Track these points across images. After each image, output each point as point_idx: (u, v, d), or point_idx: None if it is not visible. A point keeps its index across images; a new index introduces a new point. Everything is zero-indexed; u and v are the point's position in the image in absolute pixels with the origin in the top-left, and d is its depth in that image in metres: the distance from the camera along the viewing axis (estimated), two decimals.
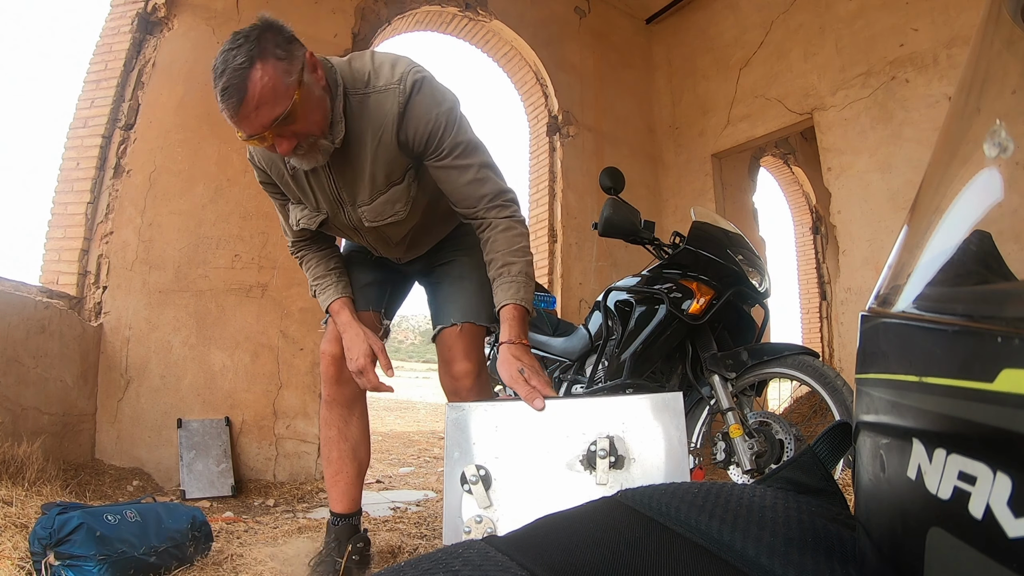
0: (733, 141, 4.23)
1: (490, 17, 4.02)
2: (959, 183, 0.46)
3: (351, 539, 1.48)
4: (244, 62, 1.00)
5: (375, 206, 1.28)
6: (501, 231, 1.25)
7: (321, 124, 1.13)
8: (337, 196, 1.29)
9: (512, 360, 1.13)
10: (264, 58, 1.02)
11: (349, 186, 1.27)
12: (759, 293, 2.13)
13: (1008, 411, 0.27)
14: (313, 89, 1.10)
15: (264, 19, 1.08)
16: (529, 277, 1.24)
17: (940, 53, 3.07)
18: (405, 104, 1.17)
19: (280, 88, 1.03)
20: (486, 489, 0.96)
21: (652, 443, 0.96)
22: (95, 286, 2.69)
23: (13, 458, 1.96)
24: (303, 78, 1.07)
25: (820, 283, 6.25)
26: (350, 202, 1.30)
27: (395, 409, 8.60)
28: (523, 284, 1.22)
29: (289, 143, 1.09)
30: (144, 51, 2.91)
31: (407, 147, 1.23)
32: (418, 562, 0.50)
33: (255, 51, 1.01)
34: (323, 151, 1.16)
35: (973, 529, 0.29)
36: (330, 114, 1.15)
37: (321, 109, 1.12)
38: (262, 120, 1.03)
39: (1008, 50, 0.48)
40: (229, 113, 1.03)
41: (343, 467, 1.50)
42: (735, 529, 0.48)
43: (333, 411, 1.50)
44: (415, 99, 1.18)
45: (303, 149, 1.13)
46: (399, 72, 1.18)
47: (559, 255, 4.09)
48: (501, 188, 1.27)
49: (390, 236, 1.40)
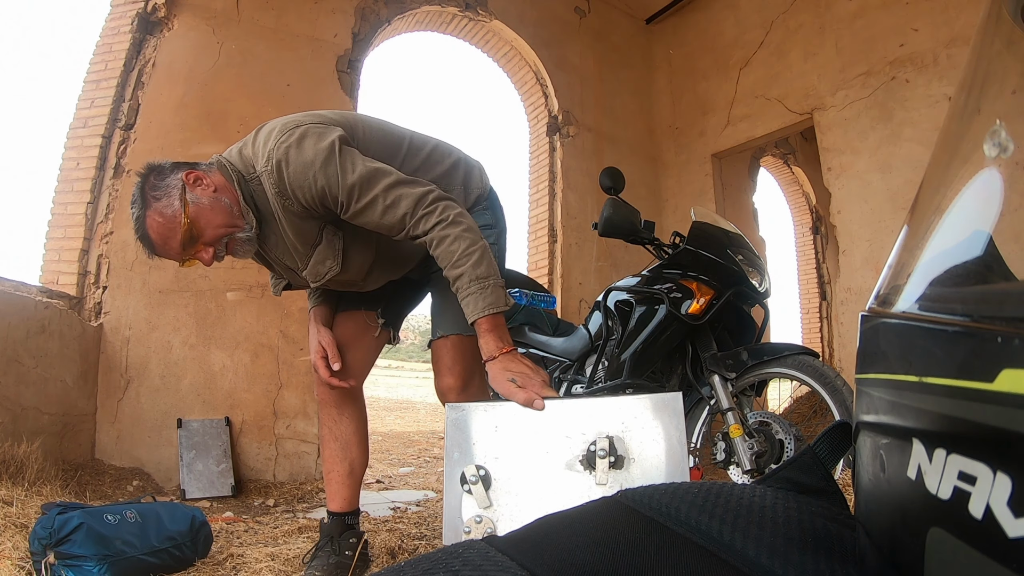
0: (733, 141, 4.23)
1: (490, 17, 4.02)
2: (959, 183, 0.46)
3: (343, 536, 1.49)
4: (140, 216, 1.21)
5: (310, 269, 1.33)
6: (436, 247, 1.20)
7: (226, 224, 1.22)
8: (284, 265, 1.38)
9: (501, 373, 1.10)
10: (148, 206, 1.20)
11: (286, 257, 1.35)
12: (759, 293, 2.13)
13: (1008, 411, 0.27)
14: (201, 201, 1.21)
15: (146, 166, 1.25)
16: (481, 278, 1.17)
17: (940, 53, 3.07)
18: (279, 183, 1.20)
19: (169, 221, 1.19)
20: (486, 489, 0.96)
21: (652, 443, 0.96)
22: (95, 286, 2.69)
23: (13, 458, 1.96)
24: (186, 198, 1.20)
25: (820, 283, 6.25)
26: (295, 268, 1.37)
27: (395, 409, 8.60)
28: (478, 292, 1.16)
29: (207, 253, 1.22)
30: (144, 51, 2.91)
31: (308, 214, 1.24)
32: (418, 562, 0.50)
33: (142, 204, 1.21)
34: (246, 242, 1.26)
35: (973, 529, 0.29)
36: (235, 208, 1.24)
37: (220, 211, 1.22)
38: (173, 250, 1.20)
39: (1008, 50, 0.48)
40: (152, 255, 1.24)
41: (334, 466, 1.52)
42: (735, 529, 0.48)
43: (324, 411, 1.55)
44: (286, 174, 1.19)
45: (223, 251, 1.25)
46: (267, 152, 1.21)
47: (559, 255, 4.09)
48: (417, 197, 1.20)
49: (353, 280, 1.42)
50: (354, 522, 1.54)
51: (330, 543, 1.47)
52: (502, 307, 1.17)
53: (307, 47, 3.19)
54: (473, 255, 1.17)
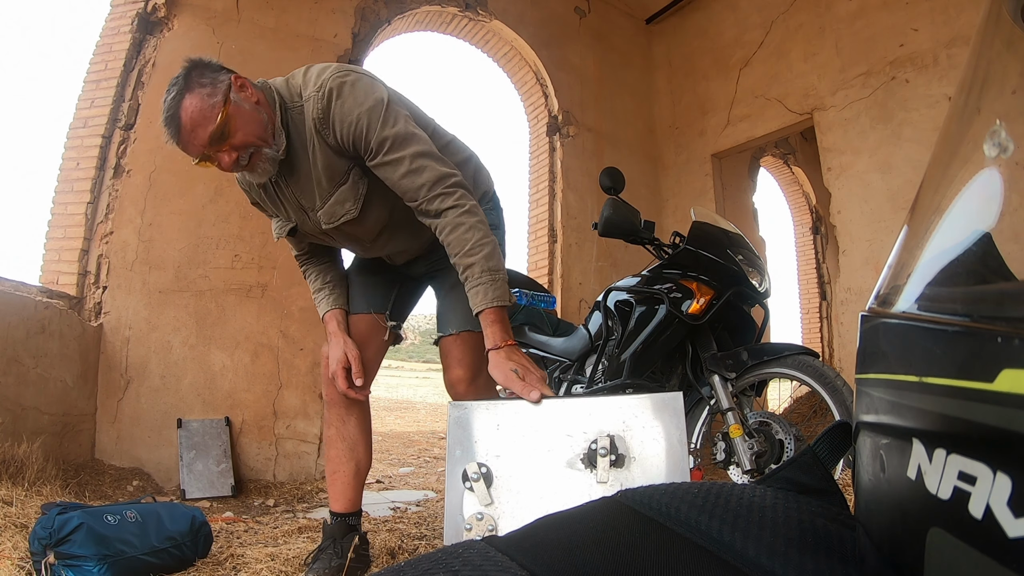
0: (733, 141, 4.23)
1: (490, 17, 4.02)
2: (959, 183, 0.46)
3: (346, 538, 1.48)
4: (176, 97, 1.16)
5: (327, 209, 1.33)
6: (449, 232, 1.22)
7: (258, 134, 1.21)
8: (298, 204, 1.37)
9: (503, 363, 1.13)
10: (191, 90, 1.16)
11: (304, 194, 1.34)
12: (759, 293, 2.13)
13: (1008, 411, 0.27)
14: (242, 105, 1.20)
15: (190, 59, 1.21)
16: (493, 270, 1.20)
17: (940, 53, 3.07)
18: (325, 110, 1.23)
19: (207, 110, 1.16)
20: (487, 487, 0.96)
21: (652, 442, 0.96)
22: (95, 286, 2.69)
23: (13, 458, 1.97)
24: (230, 97, 1.18)
25: (820, 283, 6.25)
26: (310, 208, 1.36)
27: (395, 409, 8.60)
28: (489, 283, 1.19)
29: (230, 156, 1.19)
30: (144, 51, 2.91)
31: (340, 150, 1.28)
32: (418, 562, 0.50)
33: (183, 87, 1.16)
34: (268, 160, 1.24)
35: (973, 529, 0.29)
36: (270, 126, 1.24)
37: (256, 121, 1.21)
38: (200, 140, 1.16)
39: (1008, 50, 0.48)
40: (174, 141, 1.18)
41: (339, 466, 1.52)
42: (735, 529, 0.48)
43: (332, 411, 1.54)
44: (335, 104, 1.23)
45: (245, 159, 1.22)
46: (321, 80, 1.24)
47: (559, 255, 4.09)
48: (440, 175, 1.24)
49: (361, 237, 1.42)
50: (356, 523, 1.54)
51: (333, 544, 1.47)
52: (507, 302, 1.20)
53: (307, 47, 3.19)
54: (486, 247, 1.21)
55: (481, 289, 1.19)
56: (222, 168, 1.21)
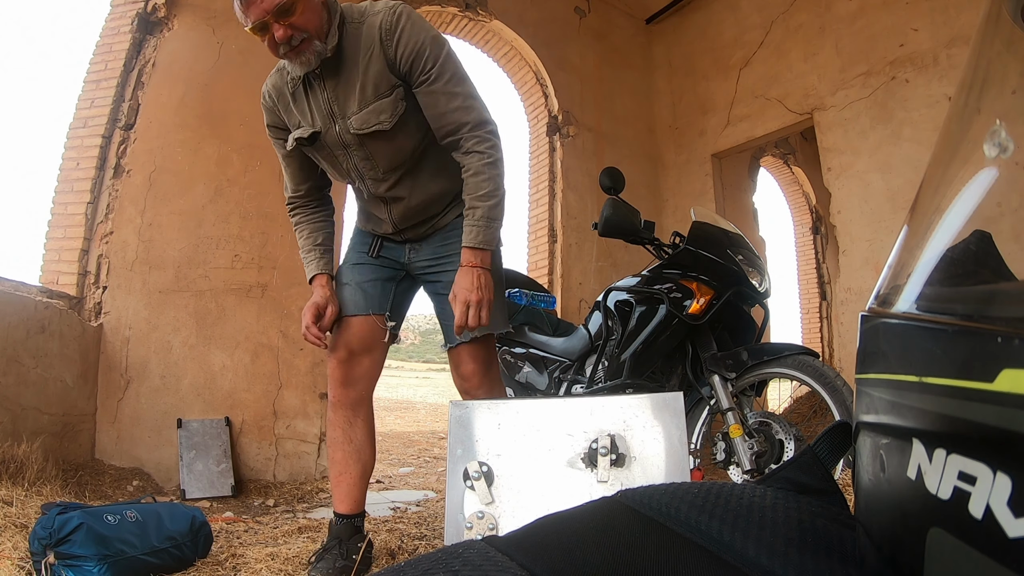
0: (733, 141, 4.23)
1: (490, 17, 4.02)
2: (959, 183, 0.46)
3: (351, 539, 1.48)
4: None
5: (362, 114, 1.38)
6: (472, 175, 1.38)
7: (316, 25, 1.29)
8: (330, 109, 1.41)
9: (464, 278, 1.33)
10: None
11: (341, 100, 1.39)
12: (759, 293, 2.13)
13: (1008, 411, 0.27)
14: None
15: None
16: (491, 219, 1.38)
17: (940, 53, 3.07)
18: (394, 23, 1.32)
19: None
20: (488, 485, 0.97)
21: (653, 442, 0.96)
22: (95, 286, 2.69)
23: (13, 458, 1.96)
24: None
25: (820, 283, 6.25)
26: (340, 115, 1.40)
27: (395, 409, 8.61)
28: (484, 227, 1.37)
29: (286, 32, 1.26)
30: (144, 51, 2.91)
31: (395, 66, 1.35)
32: (418, 562, 0.50)
33: None
34: (315, 52, 1.31)
35: (973, 529, 0.29)
36: (327, 25, 1.32)
37: (318, 14, 1.29)
38: (267, 5, 1.23)
39: (1008, 50, 0.48)
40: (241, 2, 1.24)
41: (347, 468, 1.52)
42: (735, 529, 0.48)
43: (338, 413, 1.53)
44: (404, 22, 1.33)
45: (296, 41, 1.28)
46: (391, 5, 1.36)
47: (559, 255, 4.09)
48: (484, 118, 1.38)
49: (378, 161, 1.43)
50: (361, 524, 1.54)
51: (339, 545, 1.47)
52: (492, 247, 1.39)
53: None
54: (495, 197, 1.38)
55: (475, 229, 1.37)
56: (275, 40, 1.27)
